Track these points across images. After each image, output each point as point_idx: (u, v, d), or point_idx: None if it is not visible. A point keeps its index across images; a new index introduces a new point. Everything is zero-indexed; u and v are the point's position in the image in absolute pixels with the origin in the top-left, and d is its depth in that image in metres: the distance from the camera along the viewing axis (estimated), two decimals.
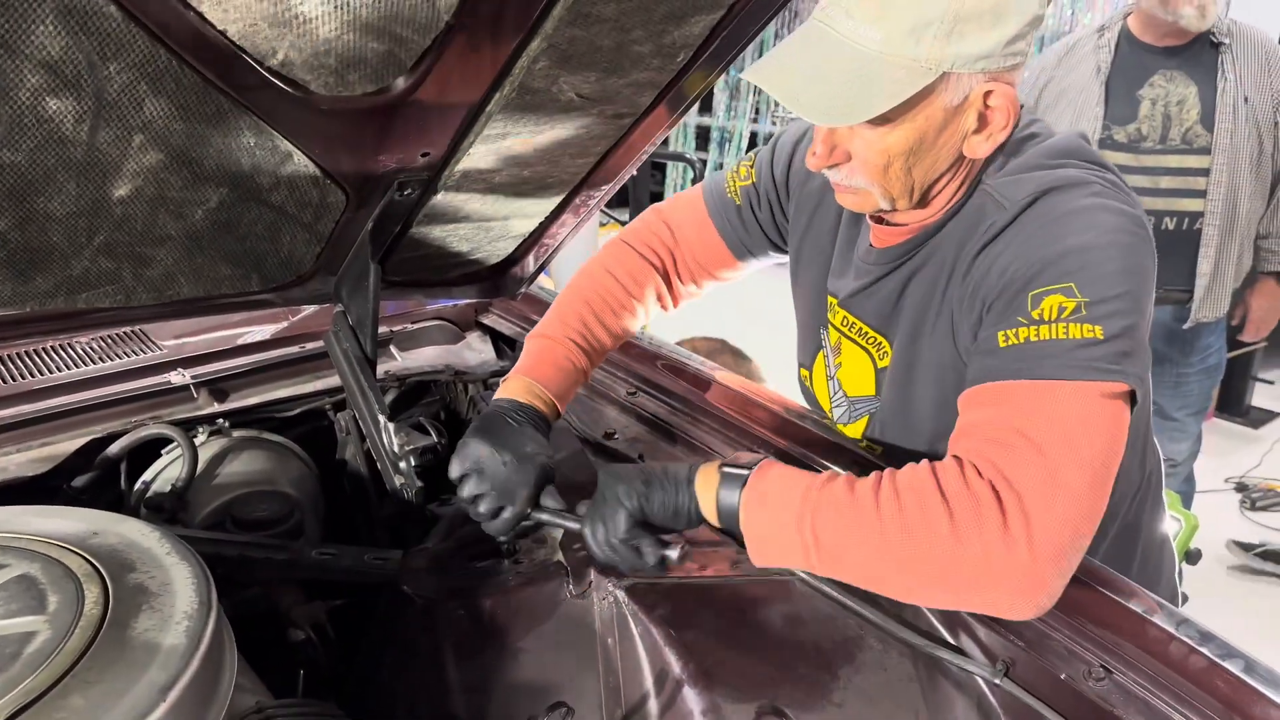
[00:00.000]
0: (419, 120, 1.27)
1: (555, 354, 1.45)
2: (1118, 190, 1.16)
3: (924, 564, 1.03)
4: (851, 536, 1.07)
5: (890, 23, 1.07)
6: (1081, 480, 1.02)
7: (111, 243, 1.29)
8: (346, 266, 1.54)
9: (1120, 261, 1.09)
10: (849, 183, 1.21)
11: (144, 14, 0.95)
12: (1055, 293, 1.07)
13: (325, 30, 1.04)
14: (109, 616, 1.02)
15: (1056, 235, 1.11)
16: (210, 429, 1.60)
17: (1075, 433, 1.03)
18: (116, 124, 1.09)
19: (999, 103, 1.14)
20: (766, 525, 1.12)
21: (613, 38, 1.21)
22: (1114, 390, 1.05)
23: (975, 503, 1.01)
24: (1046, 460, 1.01)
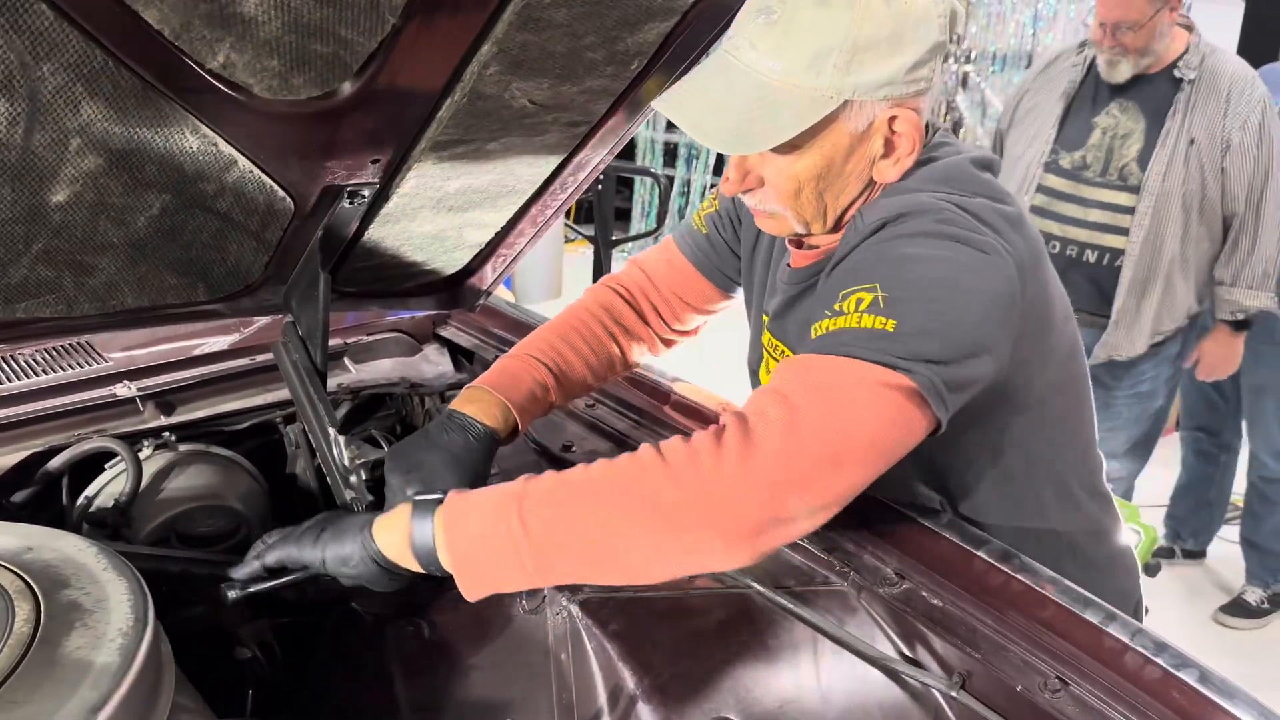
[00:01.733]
0: (367, 126, 1.24)
1: (511, 365, 1.45)
2: (966, 218, 1.14)
3: (637, 513, 1.01)
4: (563, 512, 1.04)
5: (790, 54, 1.09)
6: (818, 437, 1.01)
7: (50, 250, 1.25)
8: (296, 276, 1.51)
9: (933, 274, 1.09)
10: (763, 207, 1.24)
11: (76, 12, 0.92)
12: (861, 290, 1.08)
13: (266, 31, 1.02)
14: (39, 634, 0.99)
15: (881, 251, 1.13)
16: (156, 443, 1.56)
17: (830, 399, 1.03)
18: (52, 127, 1.06)
19: (904, 128, 1.16)
20: (467, 538, 1.06)
21: (565, 43, 1.20)
22: (894, 381, 1.03)
23: (693, 443, 1.01)
24: (790, 411, 1.01)
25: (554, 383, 1.44)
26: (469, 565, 1.05)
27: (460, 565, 1.05)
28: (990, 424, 1.25)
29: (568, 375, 1.47)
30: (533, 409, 1.42)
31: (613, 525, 1.02)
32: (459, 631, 1.28)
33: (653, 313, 1.59)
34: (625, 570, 1.07)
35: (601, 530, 1.02)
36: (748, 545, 1.01)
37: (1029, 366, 1.22)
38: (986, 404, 1.19)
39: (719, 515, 0.99)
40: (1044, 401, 1.29)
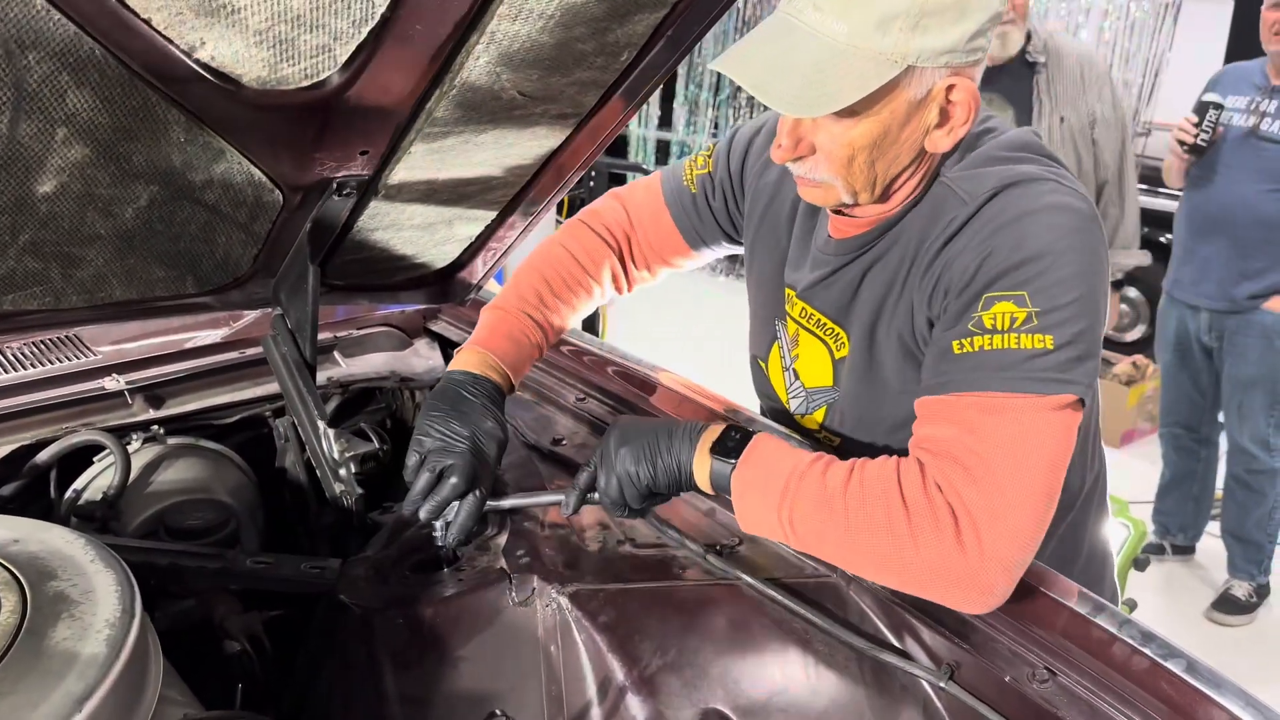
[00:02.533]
0: (356, 117, 1.24)
1: (510, 326, 1.45)
2: (1071, 186, 1.17)
3: (885, 560, 1.11)
4: (824, 529, 1.14)
5: (857, 15, 1.07)
6: (1029, 494, 1.07)
7: (37, 242, 1.25)
8: (285, 269, 1.51)
9: (1074, 265, 1.10)
10: (813, 176, 1.21)
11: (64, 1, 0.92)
12: (1008, 299, 1.10)
13: (255, 21, 1.02)
14: (25, 625, 0.98)
15: (1014, 237, 1.12)
16: (144, 436, 1.56)
17: (1024, 449, 1.08)
18: (38, 116, 1.06)
19: (961, 97, 1.14)
20: (751, 509, 1.19)
21: (554, 34, 1.20)
22: (1063, 401, 1.09)
23: (933, 514, 1.08)
24: (996, 479, 1.07)
25: (543, 339, 1.49)
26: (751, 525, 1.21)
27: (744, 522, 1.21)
28: None
29: (553, 326, 1.50)
30: (525, 367, 1.47)
31: (861, 557, 1.14)
32: (448, 623, 1.28)
33: (630, 262, 1.58)
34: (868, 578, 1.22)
35: (850, 556, 1.15)
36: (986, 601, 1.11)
37: None
38: None
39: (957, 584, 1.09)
40: None
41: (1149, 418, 4.95)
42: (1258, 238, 3.27)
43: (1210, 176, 3.35)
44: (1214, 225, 3.37)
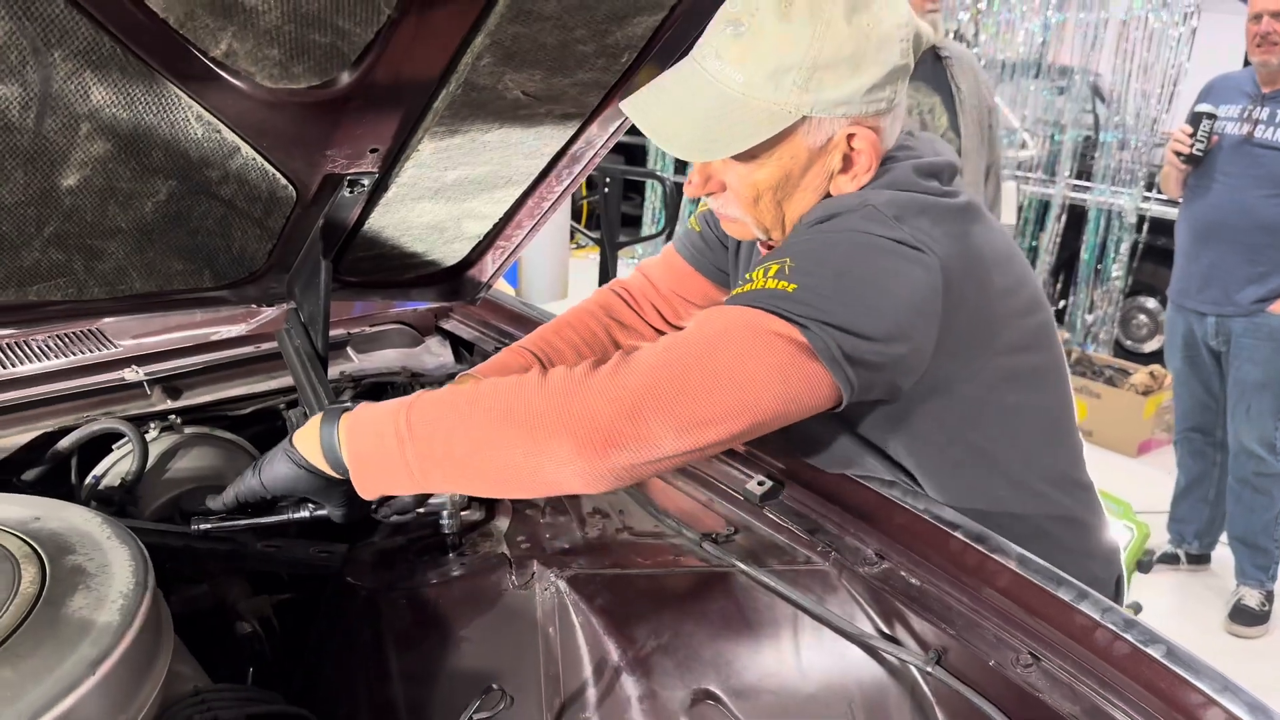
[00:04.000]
0: (366, 115, 1.29)
1: (505, 358, 1.52)
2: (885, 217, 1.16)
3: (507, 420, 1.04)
4: (445, 416, 1.08)
5: (752, 67, 1.13)
6: (692, 364, 1.03)
7: (61, 234, 1.30)
8: (299, 264, 1.56)
9: (843, 251, 1.13)
10: (725, 211, 1.29)
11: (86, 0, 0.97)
12: (773, 261, 1.13)
13: (267, 21, 1.07)
14: (44, 595, 1.03)
15: (804, 237, 1.18)
16: (162, 425, 1.61)
17: (717, 338, 1.06)
18: (62, 112, 1.11)
19: (862, 145, 1.19)
20: (364, 436, 1.12)
21: (556, 36, 1.24)
22: (784, 331, 1.06)
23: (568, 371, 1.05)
24: (675, 342, 1.05)
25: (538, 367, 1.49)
26: (362, 465, 1.12)
27: (355, 464, 1.12)
28: (929, 413, 1.27)
29: (554, 361, 1.53)
30: None
31: (483, 433, 1.05)
32: (450, 606, 1.32)
33: (653, 311, 1.65)
34: (490, 479, 1.08)
35: (473, 438, 1.05)
36: (602, 456, 1.01)
37: (966, 359, 1.24)
38: (923, 392, 1.22)
39: (576, 422, 1.00)
40: (989, 393, 1.30)
41: (1166, 428, 4.94)
42: (1260, 242, 3.33)
43: (1208, 184, 3.42)
44: (1215, 232, 3.43)
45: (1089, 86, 6.16)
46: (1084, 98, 6.14)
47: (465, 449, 1.06)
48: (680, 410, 1.02)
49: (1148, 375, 5.14)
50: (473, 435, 1.06)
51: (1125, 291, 6.06)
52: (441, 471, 1.08)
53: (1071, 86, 6.11)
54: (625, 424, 1.00)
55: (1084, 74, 6.07)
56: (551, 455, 1.02)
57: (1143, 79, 5.76)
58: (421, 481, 1.10)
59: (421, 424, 1.07)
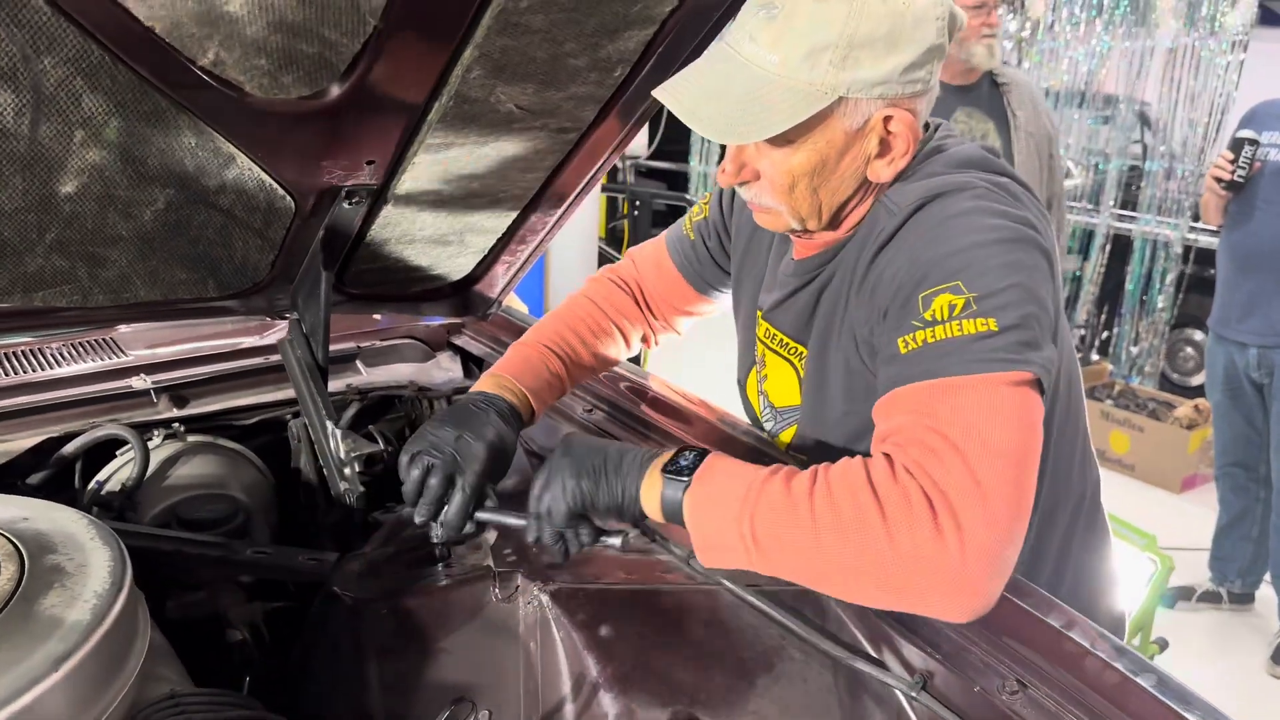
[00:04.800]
0: (360, 126, 1.30)
1: (528, 354, 1.50)
2: (1001, 193, 1.17)
3: (858, 562, 1.03)
4: (787, 536, 1.07)
5: (787, 48, 1.11)
6: (1001, 472, 1.01)
7: (63, 240, 1.33)
8: (301, 275, 1.58)
9: (1003, 257, 1.10)
10: (759, 201, 1.25)
11: (71, 7, 0.99)
12: (944, 292, 1.08)
13: (252, 30, 1.08)
14: (19, 592, 1.04)
15: (939, 238, 1.13)
16: (166, 433, 1.63)
17: (985, 426, 1.03)
18: (57, 119, 1.13)
19: (899, 128, 1.17)
20: (708, 528, 1.12)
21: (545, 49, 1.25)
22: (1018, 379, 1.05)
23: (906, 501, 1.01)
24: (965, 459, 1.01)
25: (565, 372, 1.50)
26: (708, 549, 1.12)
27: (701, 547, 1.12)
28: None
29: (577, 363, 1.53)
30: (548, 395, 1.48)
31: (831, 565, 1.05)
32: (432, 616, 1.32)
33: (647, 311, 1.63)
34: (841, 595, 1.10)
35: (821, 565, 1.06)
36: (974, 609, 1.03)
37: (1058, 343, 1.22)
38: None
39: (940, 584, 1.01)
40: (1060, 388, 1.29)
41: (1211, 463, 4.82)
42: None
43: (1250, 212, 3.34)
44: (1257, 261, 3.35)
45: (1135, 115, 6.08)
46: (1129, 126, 6.05)
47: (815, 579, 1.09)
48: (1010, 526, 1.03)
49: (1192, 409, 5.01)
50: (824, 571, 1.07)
51: (1171, 323, 5.93)
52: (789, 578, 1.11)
53: (1116, 115, 6.03)
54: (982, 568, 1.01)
55: (1129, 103, 5.98)
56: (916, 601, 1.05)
57: (1189, 108, 5.66)
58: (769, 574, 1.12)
59: (768, 540, 1.07)
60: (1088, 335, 6.25)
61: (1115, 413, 5.20)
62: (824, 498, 1.06)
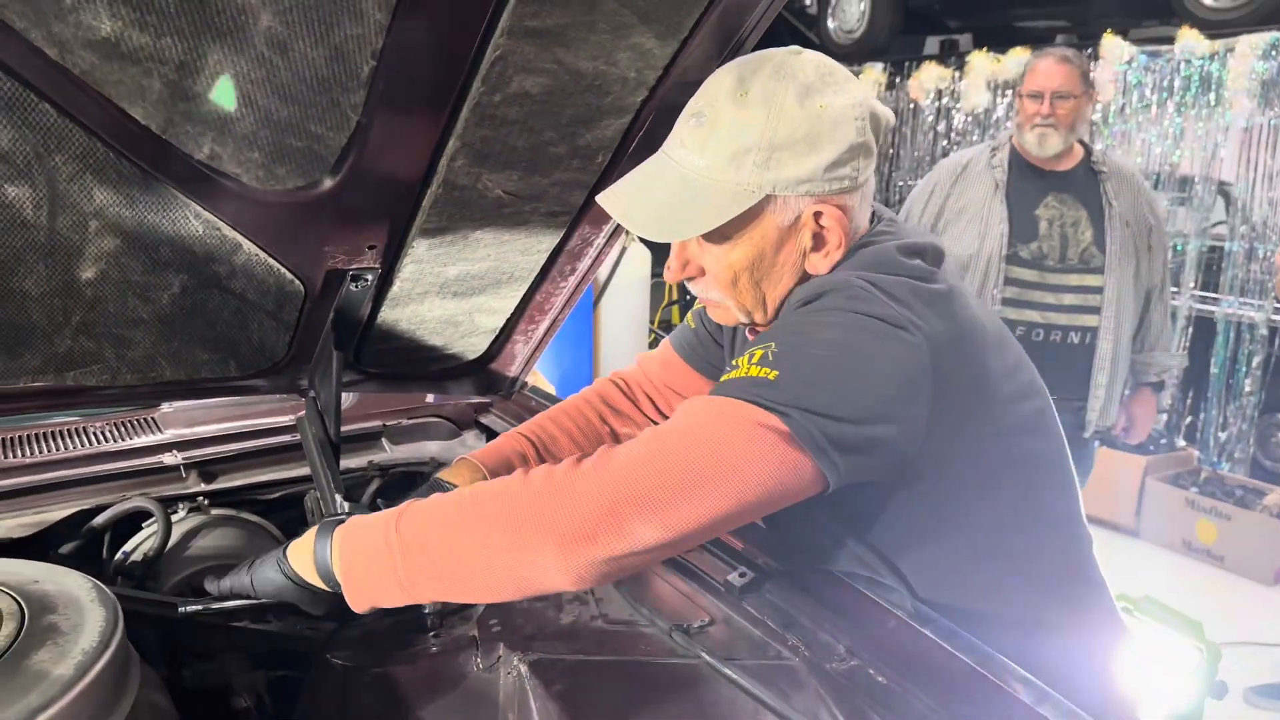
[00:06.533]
0: (357, 213, 1.39)
1: (501, 443, 1.59)
2: (875, 294, 1.17)
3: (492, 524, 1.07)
4: (433, 526, 1.11)
5: (714, 152, 1.19)
6: (675, 461, 1.05)
7: (88, 323, 1.43)
8: (317, 354, 1.66)
9: (828, 336, 1.13)
10: (707, 295, 1.32)
11: (74, 110, 1.10)
12: (758, 347, 1.14)
13: (242, 126, 1.18)
14: (13, 648, 1.11)
15: (790, 320, 1.20)
16: (190, 506, 1.71)
17: (693, 426, 1.08)
18: (71, 210, 1.24)
19: (830, 223, 1.22)
20: (354, 549, 1.16)
21: (525, 138, 1.32)
22: (764, 419, 1.07)
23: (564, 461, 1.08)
24: (652, 436, 1.07)
25: (533, 452, 1.55)
26: (353, 578, 1.15)
27: (347, 578, 1.15)
28: (924, 500, 1.25)
29: (548, 447, 1.58)
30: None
31: (469, 538, 1.08)
32: (417, 685, 1.34)
33: (646, 401, 1.69)
34: (478, 585, 1.11)
35: (459, 544, 1.09)
36: (583, 553, 1.03)
37: (966, 439, 1.23)
38: (914, 477, 1.21)
39: (557, 521, 1.03)
40: (988, 480, 1.28)
41: None
42: None
43: None
44: None
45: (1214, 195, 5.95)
46: (1206, 206, 5.92)
47: (452, 557, 1.10)
48: (659, 504, 1.04)
49: None
50: (459, 541, 1.09)
51: (1260, 408, 5.70)
52: (430, 581, 1.12)
53: (1193, 196, 5.92)
54: (605, 520, 1.03)
55: (1205, 183, 5.87)
56: (534, 556, 1.05)
57: (1268, 186, 5.53)
58: (411, 592, 1.13)
59: (410, 532, 1.11)
60: (1172, 420, 6.04)
61: (1201, 501, 4.99)
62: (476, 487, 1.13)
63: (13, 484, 1.68)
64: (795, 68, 1.19)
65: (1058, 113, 3.06)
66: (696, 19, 1.25)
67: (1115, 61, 5.91)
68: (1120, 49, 5.90)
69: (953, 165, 3.32)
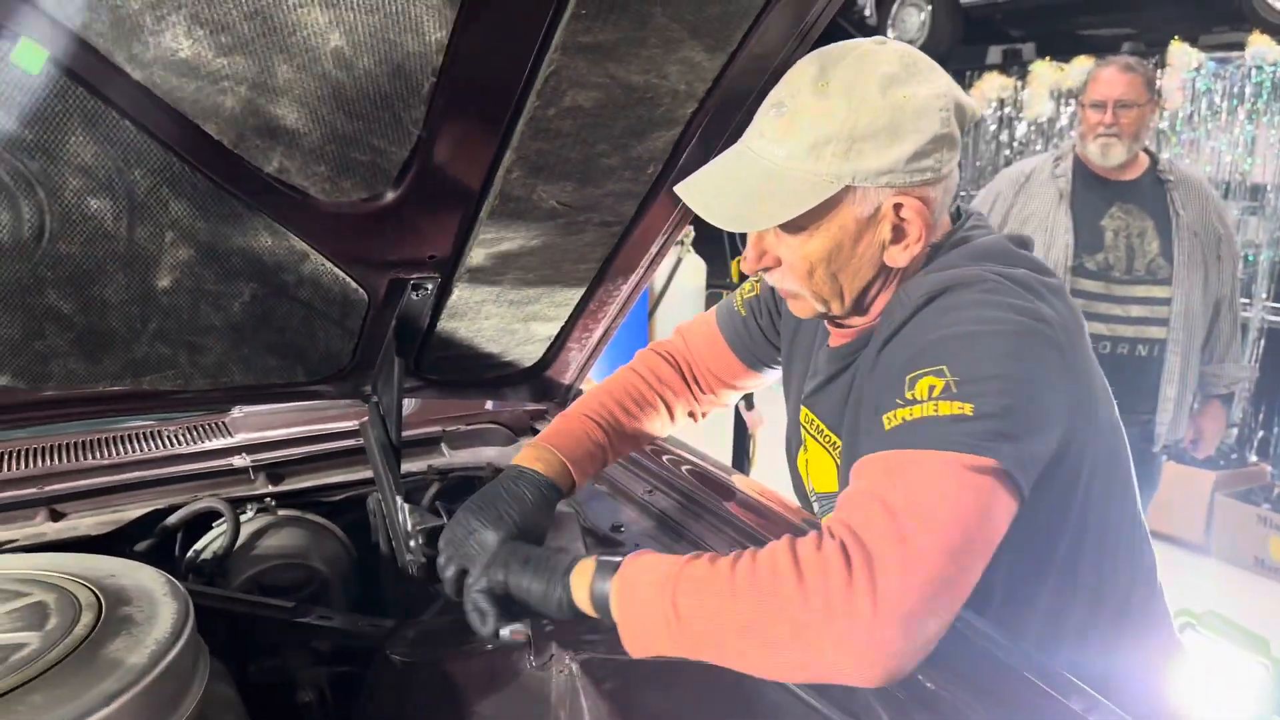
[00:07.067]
0: (417, 224, 1.44)
1: (568, 424, 1.57)
2: (1013, 286, 1.18)
3: (772, 625, 1.04)
4: (707, 604, 1.09)
5: (793, 141, 1.18)
6: (933, 545, 1.01)
7: (164, 330, 1.50)
8: (380, 361, 1.72)
9: (996, 348, 1.11)
10: (784, 286, 1.31)
11: (152, 126, 1.16)
12: (929, 375, 1.11)
13: (309, 141, 1.23)
14: (91, 637, 1.17)
15: (938, 325, 1.16)
16: (258, 507, 1.78)
17: (930, 499, 1.04)
18: (149, 222, 1.31)
19: (910, 215, 1.21)
20: (633, 606, 1.16)
21: (578, 151, 1.36)
22: (980, 464, 1.05)
23: (824, 562, 1.03)
24: (897, 523, 1.02)
25: (608, 441, 1.55)
26: (633, 633, 1.16)
27: (626, 631, 1.17)
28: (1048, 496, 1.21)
29: (620, 434, 1.58)
30: (589, 466, 1.53)
31: (751, 637, 1.06)
32: (472, 681, 1.38)
33: (694, 384, 1.68)
34: (758, 668, 1.11)
35: (737, 632, 1.07)
36: (885, 672, 1.02)
37: (1081, 436, 1.22)
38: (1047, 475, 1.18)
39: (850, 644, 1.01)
40: (1095, 474, 1.27)
41: None
42: None
43: None
44: None
45: None
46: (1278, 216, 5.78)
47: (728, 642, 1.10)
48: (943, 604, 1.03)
49: None
50: (736, 632, 1.08)
51: None
52: (705, 654, 1.13)
53: (1265, 205, 5.78)
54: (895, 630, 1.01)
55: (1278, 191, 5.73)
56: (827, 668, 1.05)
57: None
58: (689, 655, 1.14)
59: (687, 610, 1.10)
60: (1243, 435, 5.89)
61: (1274, 517, 4.87)
62: (746, 568, 1.09)
63: (91, 484, 1.76)
64: (879, 57, 1.19)
65: (1121, 122, 3.02)
66: (745, 31, 1.28)
67: (1183, 69, 5.80)
68: (1188, 56, 5.79)
69: (1015, 175, 3.29)
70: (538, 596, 1.24)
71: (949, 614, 1.04)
